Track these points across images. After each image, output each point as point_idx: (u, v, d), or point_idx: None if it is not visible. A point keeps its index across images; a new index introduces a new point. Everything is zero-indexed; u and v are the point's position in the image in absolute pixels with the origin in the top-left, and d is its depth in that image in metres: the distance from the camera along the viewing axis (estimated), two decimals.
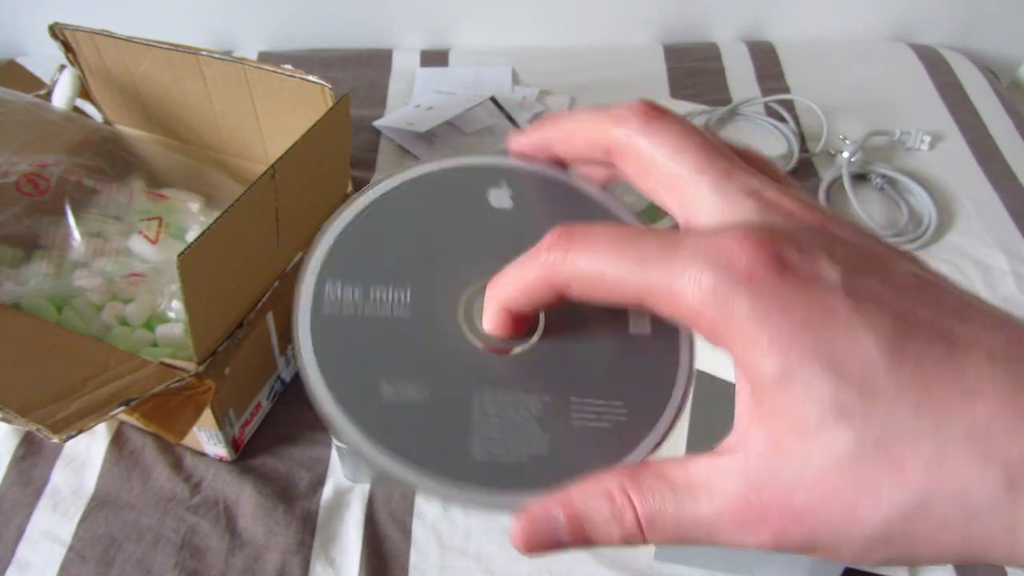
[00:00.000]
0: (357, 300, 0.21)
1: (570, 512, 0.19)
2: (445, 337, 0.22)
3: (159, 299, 0.55)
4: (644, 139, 0.20)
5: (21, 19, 0.96)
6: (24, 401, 0.41)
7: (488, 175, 0.24)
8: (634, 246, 0.18)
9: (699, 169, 0.19)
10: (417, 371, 0.21)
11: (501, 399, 0.21)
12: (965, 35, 1.01)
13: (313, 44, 1.00)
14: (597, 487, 0.19)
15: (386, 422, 0.20)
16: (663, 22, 1.00)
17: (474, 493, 0.20)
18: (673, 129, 0.20)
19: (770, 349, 0.17)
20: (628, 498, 0.18)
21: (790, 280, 0.17)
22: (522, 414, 0.21)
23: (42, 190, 0.57)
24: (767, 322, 0.17)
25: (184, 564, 0.49)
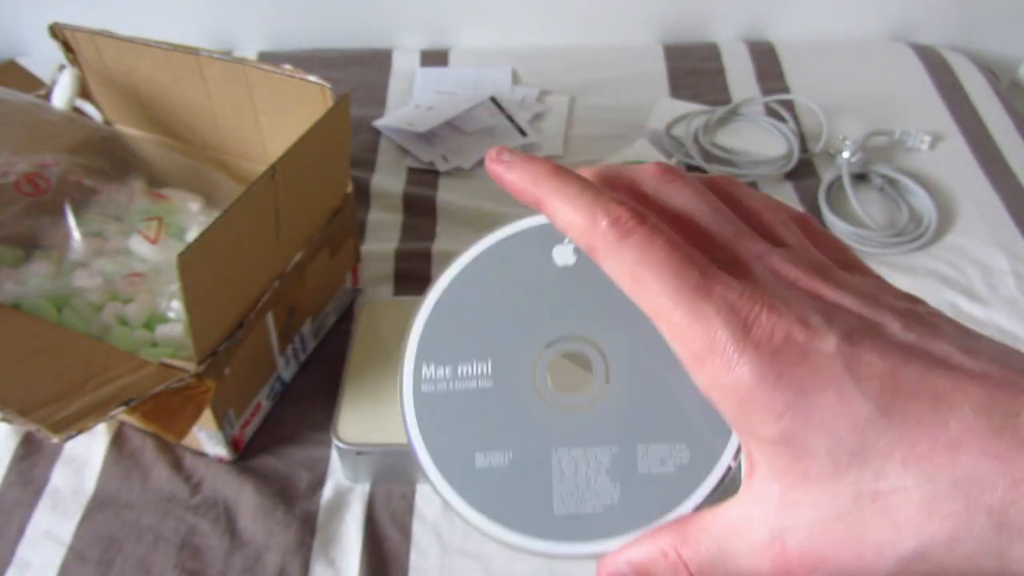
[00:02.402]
0: (447, 377, 0.24)
1: (634, 566, 0.22)
2: (523, 402, 0.24)
3: (159, 299, 0.55)
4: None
5: (21, 19, 0.96)
6: (24, 401, 0.41)
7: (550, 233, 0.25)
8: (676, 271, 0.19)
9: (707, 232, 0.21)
10: (502, 437, 0.24)
11: (575, 455, 0.23)
12: (965, 35, 1.01)
13: (313, 44, 1.00)
14: (653, 546, 0.21)
15: (478, 485, 0.23)
16: (663, 22, 1.00)
17: (556, 546, 0.23)
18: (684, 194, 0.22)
19: (765, 412, 0.18)
20: (679, 555, 0.21)
21: (790, 349, 0.18)
22: (594, 467, 0.23)
23: (42, 190, 0.57)
24: (765, 387, 0.18)
25: (184, 564, 0.49)
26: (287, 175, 0.48)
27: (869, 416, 0.18)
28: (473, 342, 0.25)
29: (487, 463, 0.24)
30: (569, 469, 0.23)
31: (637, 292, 0.20)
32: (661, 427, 0.23)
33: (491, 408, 0.24)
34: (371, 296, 0.67)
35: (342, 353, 0.57)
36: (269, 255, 0.51)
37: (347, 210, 0.59)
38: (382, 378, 0.54)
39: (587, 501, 0.23)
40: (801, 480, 0.19)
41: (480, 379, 0.24)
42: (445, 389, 0.24)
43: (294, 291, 0.55)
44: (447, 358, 0.25)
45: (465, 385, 0.24)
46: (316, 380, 0.60)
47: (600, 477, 0.23)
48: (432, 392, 0.24)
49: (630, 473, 0.23)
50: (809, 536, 0.19)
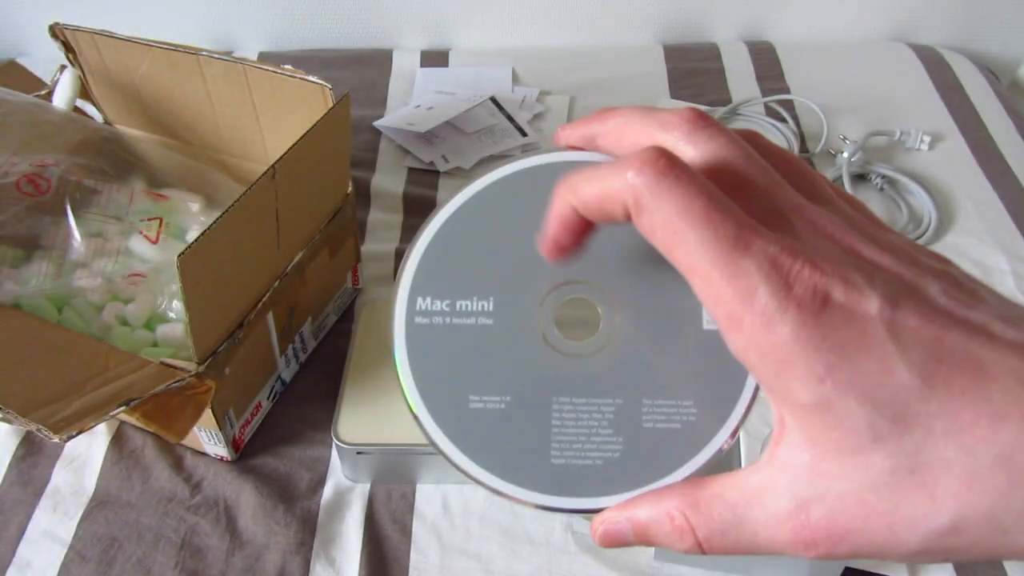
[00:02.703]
0: (445, 311, 0.23)
1: (636, 525, 0.21)
2: (525, 345, 0.23)
3: (159, 299, 0.55)
4: (689, 147, 0.20)
5: (21, 19, 0.96)
6: (24, 401, 0.41)
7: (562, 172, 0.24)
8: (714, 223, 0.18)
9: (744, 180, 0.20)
10: (500, 378, 0.22)
11: (577, 405, 0.22)
12: (965, 35, 1.01)
13: (313, 44, 1.00)
14: (658, 507, 0.20)
15: (471, 429, 0.22)
16: (663, 22, 1.00)
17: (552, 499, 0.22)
18: (718, 139, 0.20)
19: (806, 376, 0.18)
20: (687, 520, 0.20)
21: (833, 312, 0.17)
22: (596, 419, 0.22)
23: (42, 190, 0.57)
24: (806, 349, 0.17)
25: (184, 564, 0.50)
26: (287, 175, 0.48)
27: (911, 385, 0.17)
28: (475, 278, 0.23)
29: (481, 405, 0.22)
30: (570, 418, 0.22)
31: (674, 246, 0.19)
32: (669, 382, 0.22)
33: (490, 347, 0.23)
34: (371, 296, 0.67)
35: (342, 353, 0.57)
36: (269, 255, 0.51)
37: (347, 210, 0.59)
38: (382, 378, 0.54)
39: (587, 453, 0.22)
40: (835, 449, 0.18)
41: (480, 316, 0.23)
42: (441, 323, 0.23)
43: (294, 291, 0.55)
44: (445, 292, 0.23)
45: (463, 321, 0.23)
46: (316, 380, 0.60)
47: (603, 429, 0.22)
48: (426, 325, 0.23)
49: (634, 427, 0.22)
50: (839, 507, 0.18)
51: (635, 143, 0.21)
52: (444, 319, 0.23)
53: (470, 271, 0.23)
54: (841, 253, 0.19)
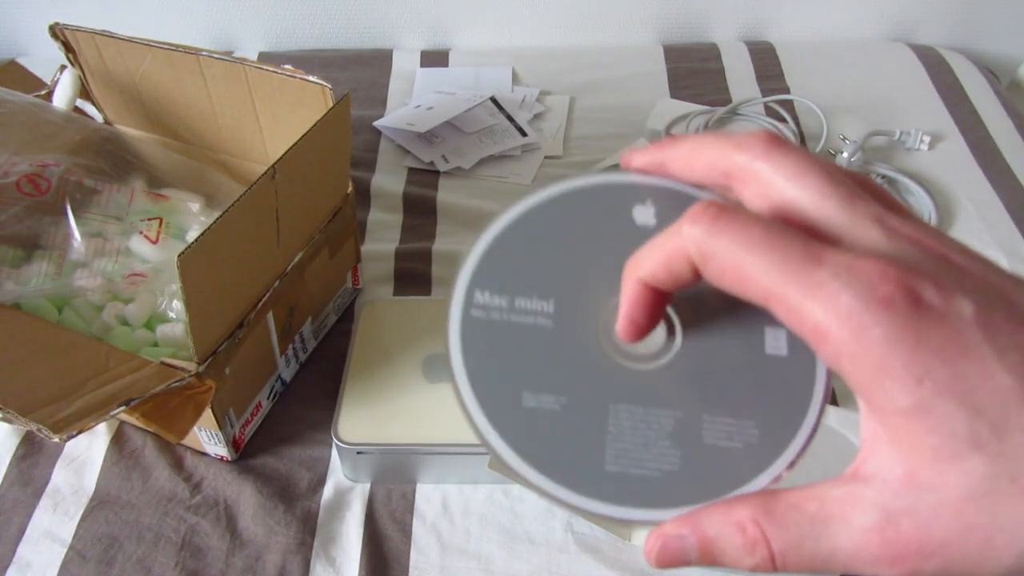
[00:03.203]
0: (503, 307, 0.22)
1: (700, 537, 0.19)
2: (584, 349, 0.22)
3: (159, 299, 0.55)
4: (766, 164, 0.20)
5: (21, 19, 0.96)
6: (24, 401, 0.41)
7: (633, 192, 0.24)
8: (779, 246, 0.18)
9: (822, 193, 0.19)
10: (556, 379, 0.22)
11: (635, 413, 0.22)
12: (965, 35, 1.01)
13: (313, 44, 1.00)
14: (729, 516, 0.19)
15: (523, 427, 0.21)
16: (663, 22, 1.00)
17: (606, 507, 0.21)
18: (795, 156, 0.20)
19: (904, 377, 0.17)
20: (761, 531, 0.19)
21: (926, 311, 0.17)
22: (655, 429, 0.21)
23: (42, 190, 0.57)
24: (902, 350, 0.17)
25: (184, 564, 0.50)
26: (287, 175, 0.48)
27: (1012, 388, 0.16)
28: (537, 278, 0.23)
29: (536, 404, 0.21)
30: (627, 426, 0.21)
31: (744, 280, 0.18)
32: (731, 401, 0.22)
33: (548, 348, 0.22)
34: (371, 296, 0.67)
35: (342, 353, 0.57)
36: (269, 255, 0.51)
37: (347, 210, 0.59)
38: (382, 378, 0.54)
39: (644, 463, 0.21)
40: (932, 457, 0.17)
41: (539, 316, 0.22)
42: (499, 319, 0.22)
43: (294, 291, 0.55)
44: (505, 288, 0.22)
45: (522, 319, 0.22)
46: (316, 380, 0.60)
47: (661, 440, 0.21)
48: (483, 319, 0.22)
49: (694, 442, 0.21)
50: (932, 519, 0.17)
51: (709, 164, 0.21)
52: (502, 315, 0.22)
53: (532, 271, 0.23)
54: (928, 258, 0.18)
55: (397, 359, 0.55)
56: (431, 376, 0.55)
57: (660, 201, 0.24)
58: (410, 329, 0.58)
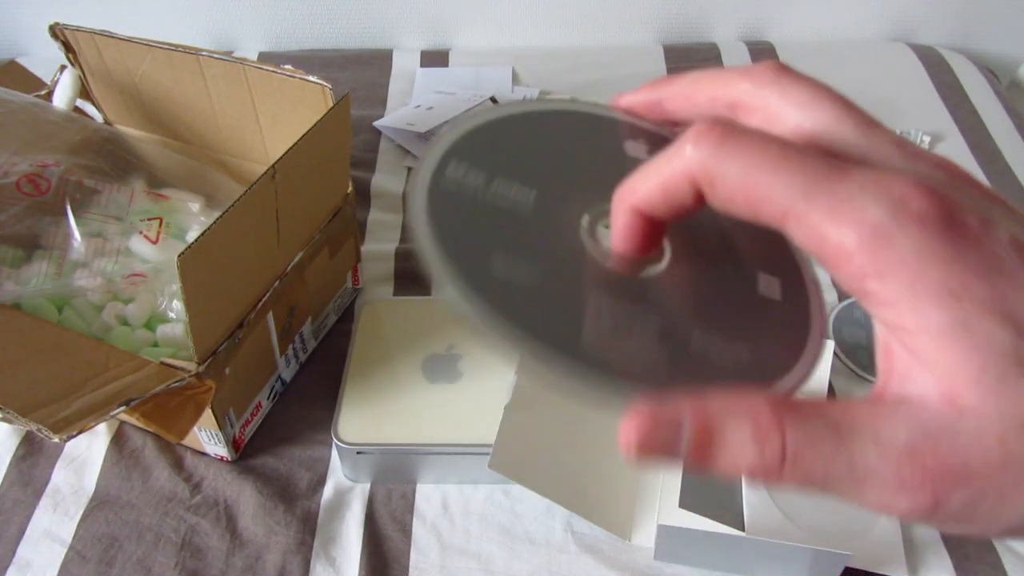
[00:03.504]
0: (478, 184, 0.20)
1: (703, 420, 0.16)
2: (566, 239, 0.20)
3: (159, 299, 0.55)
4: (774, 92, 0.19)
5: (21, 19, 0.96)
6: (24, 401, 0.41)
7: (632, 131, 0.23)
8: (797, 163, 0.16)
9: (838, 118, 0.18)
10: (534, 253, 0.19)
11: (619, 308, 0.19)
12: (965, 35, 1.01)
13: (313, 44, 1.00)
14: (743, 401, 0.16)
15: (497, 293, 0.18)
16: (663, 22, 1.00)
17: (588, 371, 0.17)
18: (805, 83, 0.19)
19: (940, 293, 0.15)
20: (779, 422, 0.16)
21: (960, 229, 0.16)
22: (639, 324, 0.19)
23: (42, 190, 0.57)
24: (938, 265, 0.15)
25: (184, 564, 0.50)
26: (287, 175, 0.48)
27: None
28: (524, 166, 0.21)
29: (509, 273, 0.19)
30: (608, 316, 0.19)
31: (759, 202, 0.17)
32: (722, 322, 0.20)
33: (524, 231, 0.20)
34: (371, 296, 0.67)
35: (342, 353, 0.57)
36: (269, 255, 0.51)
37: (347, 210, 0.59)
38: (382, 378, 0.54)
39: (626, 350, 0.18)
40: (975, 379, 0.15)
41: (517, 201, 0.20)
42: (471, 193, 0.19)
43: (294, 291, 0.55)
44: (483, 164, 0.20)
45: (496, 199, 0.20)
46: (316, 380, 0.60)
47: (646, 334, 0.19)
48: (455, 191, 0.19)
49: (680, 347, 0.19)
50: (973, 444, 0.15)
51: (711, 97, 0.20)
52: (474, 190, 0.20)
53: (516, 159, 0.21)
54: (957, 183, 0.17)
55: (397, 359, 0.55)
56: (431, 376, 0.55)
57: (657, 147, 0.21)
58: (410, 329, 0.58)
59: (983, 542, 0.50)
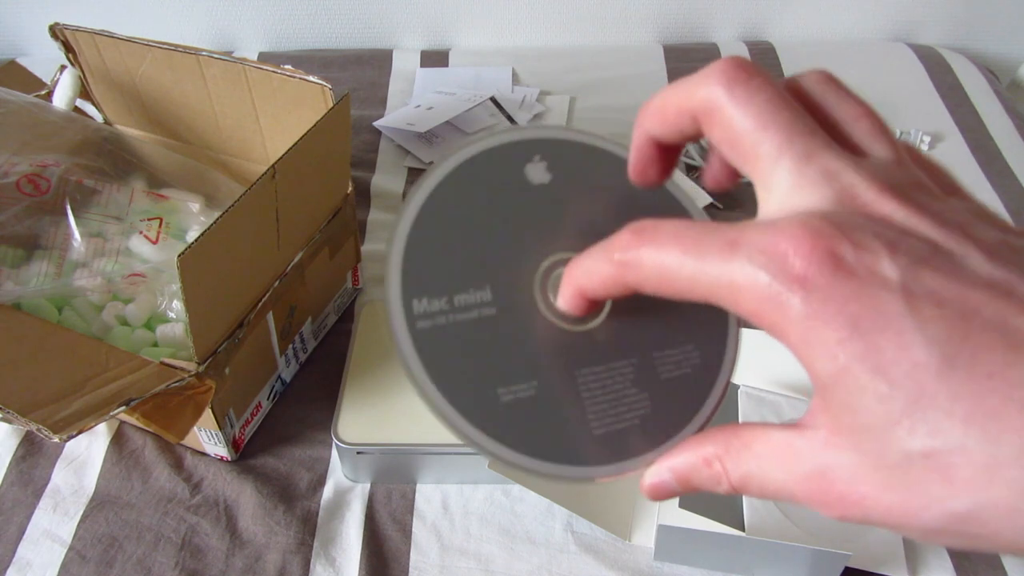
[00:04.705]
0: (445, 309, 0.22)
1: (678, 474, 0.21)
2: (533, 327, 0.23)
3: (159, 299, 0.55)
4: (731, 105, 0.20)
5: (21, 19, 0.96)
6: (24, 401, 0.41)
7: (518, 151, 0.24)
8: (697, 243, 0.18)
9: (779, 150, 0.19)
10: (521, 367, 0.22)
11: (598, 372, 0.23)
12: (965, 35, 1.01)
13: (313, 44, 1.00)
14: (696, 454, 0.21)
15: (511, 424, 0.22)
16: (663, 22, 1.00)
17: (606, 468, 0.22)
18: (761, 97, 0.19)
19: (822, 351, 0.17)
20: (722, 466, 0.20)
21: (844, 279, 0.17)
22: (620, 382, 0.23)
23: (42, 190, 0.57)
24: (819, 324, 0.17)
25: (184, 564, 0.50)
26: (287, 175, 0.48)
27: (930, 364, 0.16)
28: (464, 269, 0.23)
29: (512, 396, 0.22)
30: (597, 387, 0.23)
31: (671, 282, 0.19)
32: (669, 334, 0.23)
33: (501, 337, 0.22)
34: (371, 296, 0.67)
35: (342, 353, 0.57)
36: (269, 255, 0.51)
37: (347, 210, 0.59)
38: (382, 378, 0.54)
39: (622, 416, 0.22)
40: (848, 426, 0.17)
41: (481, 308, 0.22)
42: (444, 323, 0.22)
43: (294, 291, 0.55)
44: (439, 290, 0.22)
45: (466, 316, 0.22)
46: (316, 380, 0.60)
47: (628, 390, 0.23)
48: (430, 328, 0.22)
49: (654, 380, 0.23)
50: (853, 477, 0.17)
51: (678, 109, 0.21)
52: (447, 318, 0.22)
53: (456, 262, 0.23)
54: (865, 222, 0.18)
55: (397, 359, 0.55)
56: None
57: (547, 155, 0.25)
58: None
59: None
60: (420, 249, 0.23)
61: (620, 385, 0.23)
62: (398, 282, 0.22)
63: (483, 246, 0.23)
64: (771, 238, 0.17)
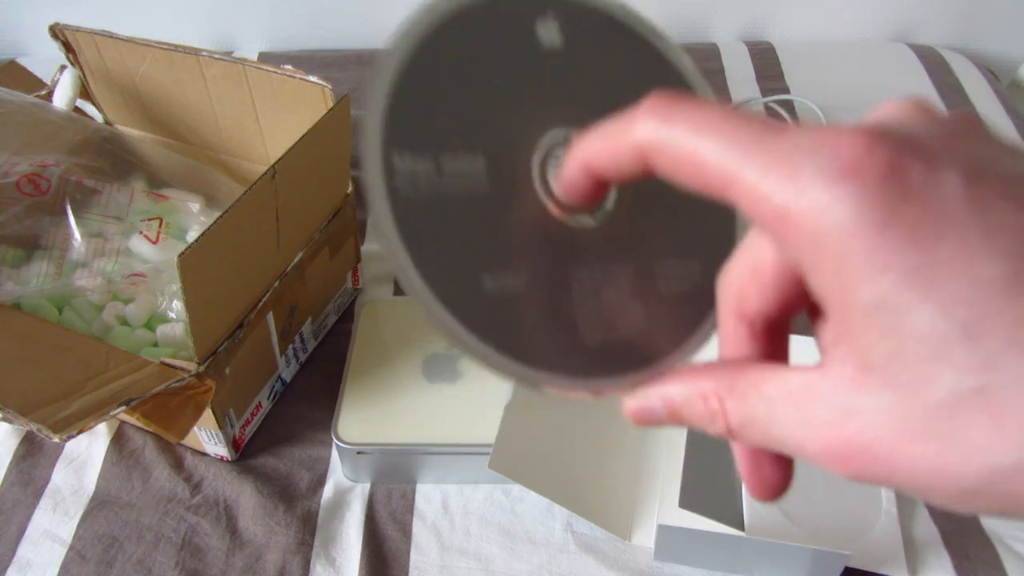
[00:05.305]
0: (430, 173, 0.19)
1: (669, 404, 0.19)
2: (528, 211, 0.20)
3: (159, 299, 0.55)
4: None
5: (21, 19, 0.96)
6: (25, 401, 0.41)
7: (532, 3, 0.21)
8: (735, 124, 0.16)
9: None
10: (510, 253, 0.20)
11: (594, 273, 0.20)
12: (965, 35, 1.01)
13: (313, 44, 1.00)
14: (693, 387, 0.19)
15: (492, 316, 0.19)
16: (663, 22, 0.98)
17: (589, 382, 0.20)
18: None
19: (864, 268, 0.14)
20: (721, 404, 0.18)
21: (901, 182, 0.14)
22: (615, 287, 0.21)
23: (43, 190, 0.57)
24: (867, 232, 0.14)
25: (184, 564, 0.50)
26: (287, 175, 0.48)
27: (996, 278, 0.14)
28: (456, 127, 0.20)
29: (497, 285, 0.19)
30: (590, 289, 0.20)
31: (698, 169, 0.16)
32: (674, 244, 0.21)
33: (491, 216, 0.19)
34: (371, 296, 0.67)
35: (342, 353, 0.57)
36: (269, 255, 0.51)
37: (347, 210, 0.59)
38: (382, 378, 0.54)
39: (615, 327, 0.20)
40: (888, 360, 0.15)
41: (471, 178, 0.19)
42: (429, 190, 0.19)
43: (294, 291, 0.55)
44: (425, 145, 0.19)
45: (453, 186, 0.19)
46: (316, 380, 0.60)
47: (623, 298, 0.20)
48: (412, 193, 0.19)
49: (651, 293, 0.21)
50: (881, 423, 0.15)
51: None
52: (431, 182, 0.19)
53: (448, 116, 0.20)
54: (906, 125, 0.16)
55: (397, 359, 0.55)
56: (431, 376, 0.55)
57: (563, 14, 0.21)
58: (410, 329, 0.58)
59: (983, 542, 0.50)
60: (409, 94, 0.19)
61: (616, 292, 0.20)
62: (379, 128, 0.19)
63: (479, 105, 0.20)
64: (824, 134, 0.15)
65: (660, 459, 0.53)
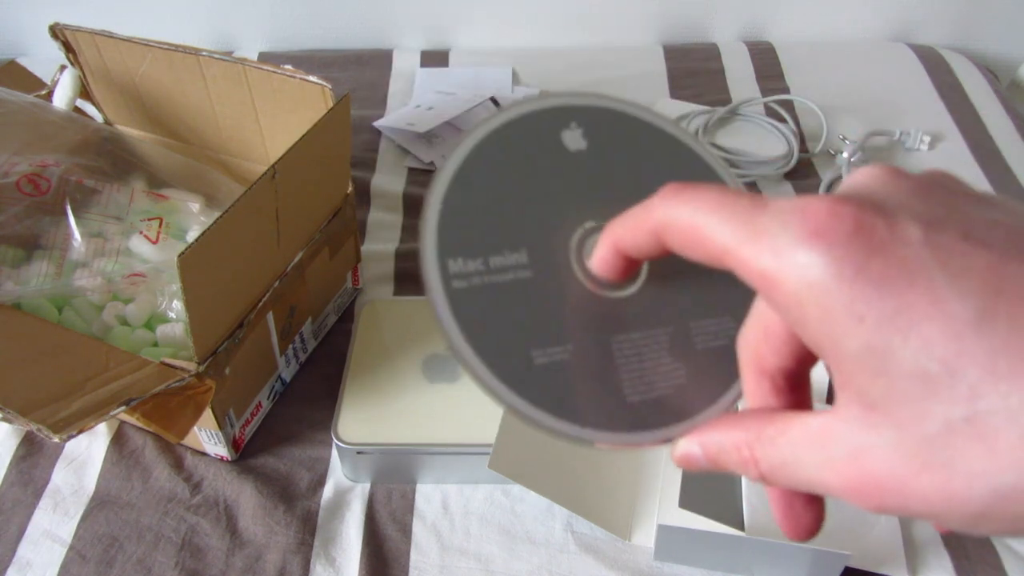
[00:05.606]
0: (481, 271, 0.22)
1: (708, 453, 0.21)
2: (569, 291, 0.23)
3: (159, 299, 0.55)
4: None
5: (21, 19, 0.96)
6: (25, 401, 0.41)
7: (555, 118, 0.24)
8: (728, 202, 0.18)
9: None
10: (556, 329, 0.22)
11: (634, 339, 0.23)
12: (965, 35, 1.01)
13: (313, 44, 1.00)
14: (728, 437, 0.20)
15: (543, 386, 0.21)
16: (663, 22, 1.00)
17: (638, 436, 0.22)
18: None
19: (845, 319, 0.16)
20: (752, 453, 0.19)
21: (867, 239, 0.16)
22: (655, 350, 0.23)
23: (43, 190, 0.57)
24: (842, 287, 0.16)
25: (184, 564, 0.50)
26: (287, 175, 0.48)
27: (967, 319, 0.15)
28: (500, 231, 0.23)
29: (547, 359, 0.22)
30: (632, 354, 0.23)
31: (703, 240, 0.18)
32: (707, 304, 0.23)
33: (537, 299, 0.22)
34: (371, 296, 0.67)
35: (342, 353, 0.57)
36: (269, 255, 0.51)
37: (347, 210, 0.59)
38: (382, 378, 0.54)
39: (656, 385, 0.22)
40: (884, 398, 0.16)
41: (517, 270, 0.22)
42: (480, 284, 0.22)
43: (294, 291, 0.55)
44: (475, 250, 0.22)
45: (501, 278, 0.22)
46: (316, 380, 0.60)
47: (663, 359, 0.23)
48: (466, 288, 0.22)
49: (689, 350, 0.23)
50: (890, 459, 0.16)
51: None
52: (482, 279, 0.22)
53: (493, 224, 0.23)
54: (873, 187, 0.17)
55: (397, 359, 0.55)
56: (431, 376, 0.55)
57: (584, 122, 0.25)
58: (410, 329, 0.58)
59: (983, 541, 0.50)
60: (456, 209, 0.23)
61: (655, 353, 0.23)
62: (434, 241, 0.22)
63: (519, 209, 0.23)
64: (801, 203, 0.17)
65: (660, 459, 0.53)
